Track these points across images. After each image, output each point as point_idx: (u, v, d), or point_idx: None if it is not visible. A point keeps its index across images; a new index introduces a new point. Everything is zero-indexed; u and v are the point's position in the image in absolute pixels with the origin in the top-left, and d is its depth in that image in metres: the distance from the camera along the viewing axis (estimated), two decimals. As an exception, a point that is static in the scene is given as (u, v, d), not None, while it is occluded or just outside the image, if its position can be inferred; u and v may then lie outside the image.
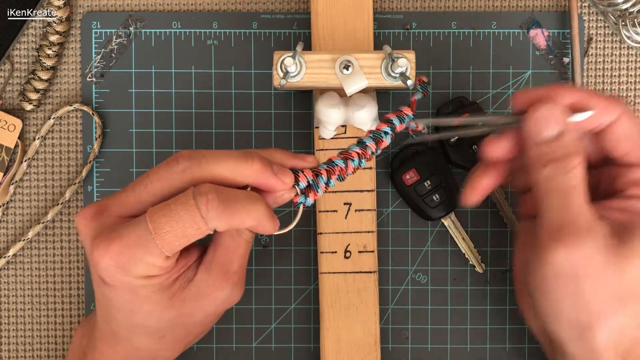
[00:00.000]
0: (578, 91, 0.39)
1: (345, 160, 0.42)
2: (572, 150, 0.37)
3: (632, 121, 0.39)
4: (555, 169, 0.37)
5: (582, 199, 0.37)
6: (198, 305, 0.40)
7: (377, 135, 0.43)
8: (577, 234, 0.37)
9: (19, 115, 0.51)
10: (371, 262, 0.48)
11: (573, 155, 0.37)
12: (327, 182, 0.41)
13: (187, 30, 0.51)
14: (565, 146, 0.37)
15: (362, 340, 0.48)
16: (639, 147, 0.40)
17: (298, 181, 0.40)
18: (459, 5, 0.51)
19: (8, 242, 0.52)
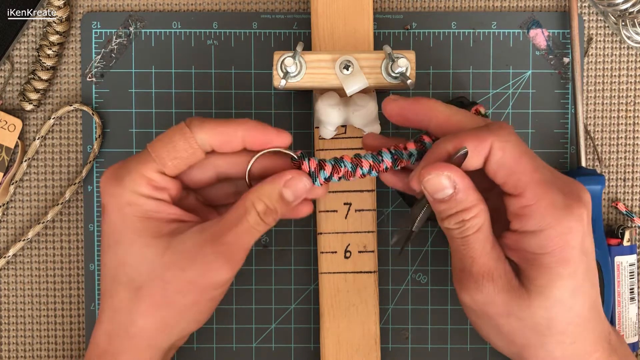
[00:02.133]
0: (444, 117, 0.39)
1: (354, 166, 0.41)
2: (465, 206, 0.38)
3: (504, 150, 0.37)
4: (452, 223, 0.39)
5: (479, 244, 0.39)
6: (179, 260, 0.39)
7: (398, 154, 0.41)
8: (475, 279, 0.39)
9: (19, 115, 0.51)
10: (371, 262, 0.48)
11: (466, 210, 0.38)
12: (329, 178, 0.41)
13: (187, 30, 0.51)
14: (458, 203, 0.38)
15: (362, 340, 0.48)
16: (512, 177, 0.38)
17: (300, 167, 0.41)
18: (459, 5, 0.51)
19: (8, 242, 0.52)
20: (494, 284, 0.39)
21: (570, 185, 0.39)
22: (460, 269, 0.40)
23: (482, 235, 0.39)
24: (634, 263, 0.50)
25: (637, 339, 0.50)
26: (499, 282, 0.39)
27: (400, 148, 0.41)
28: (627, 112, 0.52)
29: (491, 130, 0.38)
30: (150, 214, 0.40)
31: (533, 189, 0.38)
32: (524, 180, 0.38)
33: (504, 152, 0.37)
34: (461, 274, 0.40)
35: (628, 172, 0.52)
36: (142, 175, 0.40)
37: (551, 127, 0.51)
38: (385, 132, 0.51)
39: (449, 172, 0.38)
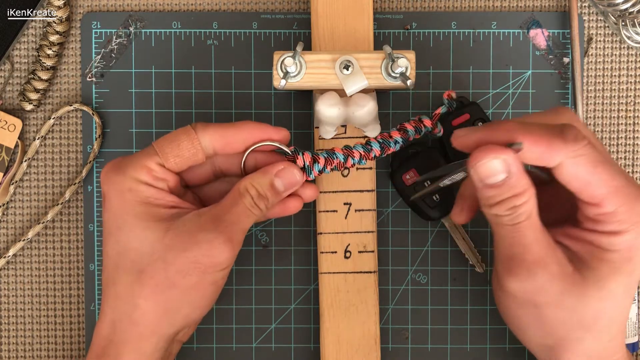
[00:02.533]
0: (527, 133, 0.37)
1: (346, 157, 0.44)
2: (517, 191, 0.37)
3: (578, 165, 0.37)
4: (502, 209, 0.38)
5: (530, 231, 0.38)
6: (180, 241, 0.40)
7: (385, 143, 0.44)
8: (527, 266, 0.38)
9: (19, 115, 0.51)
10: (371, 262, 0.48)
11: (518, 195, 0.37)
12: (322, 170, 0.44)
13: (187, 30, 0.51)
14: (510, 188, 0.37)
15: (362, 340, 0.48)
16: (588, 187, 0.37)
17: (295, 162, 0.43)
18: (459, 5, 0.51)
19: (8, 242, 0.52)
20: (549, 271, 0.38)
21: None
22: (509, 256, 0.39)
23: (533, 221, 0.38)
24: (634, 263, 0.50)
25: (637, 339, 0.50)
26: (553, 270, 0.39)
27: (386, 137, 0.44)
28: (627, 112, 0.52)
29: (566, 140, 0.36)
30: (150, 200, 0.41)
31: (611, 199, 0.37)
32: (600, 191, 0.37)
33: (578, 166, 0.37)
34: (511, 262, 0.39)
35: (628, 172, 0.52)
36: (143, 165, 0.41)
37: (551, 127, 0.51)
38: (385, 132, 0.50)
39: (505, 155, 0.36)
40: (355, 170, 0.48)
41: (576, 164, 0.37)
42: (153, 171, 0.42)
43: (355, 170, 0.48)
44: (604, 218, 0.38)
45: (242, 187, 0.42)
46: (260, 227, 0.51)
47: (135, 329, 0.41)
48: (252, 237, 0.51)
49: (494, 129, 0.37)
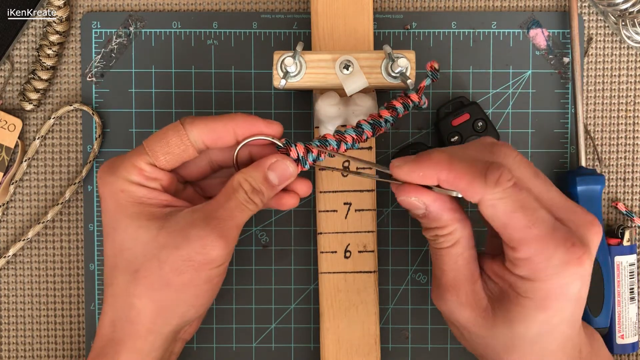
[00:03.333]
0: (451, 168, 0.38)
1: (339, 142, 0.43)
2: (439, 224, 0.40)
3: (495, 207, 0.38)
4: (428, 235, 0.42)
5: (450, 259, 0.41)
6: (173, 239, 0.40)
7: (376, 123, 0.43)
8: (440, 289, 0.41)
9: (19, 115, 0.51)
10: (371, 262, 0.48)
11: (441, 227, 0.40)
12: (316, 158, 0.43)
13: (187, 30, 0.51)
14: (431, 221, 0.41)
15: (362, 340, 0.48)
16: (505, 230, 0.38)
17: (289, 154, 0.42)
18: (459, 5, 0.51)
19: (8, 242, 0.52)
20: (458, 299, 0.41)
21: (580, 228, 0.39)
22: (434, 276, 0.42)
23: (454, 251, 0.40)
24: (634, 263, 0.50)
25: (637, 339, 0.50)
26: (463, 299, 0.40)
27: (376, 117, 0.43)
28: (627, 112, 0.52)
29: (487, 182, 0.37)
30: (143, 200, 0.41)
31: (527, 246, 0.38)
32: (516, 236, 0.38)
33: (495, 209, 0.38)
34: (433, 282, 0.43)
35: (628, 172, 0.52)
36: (134, 165, 0.41)
37: (551, 127, 0.51)
38: (385, 132, 0.50)
39: (416, 196, 0.40)
40: (355, 170, 0.48)
41: (494, 206, 0.38)
42: (144, 171, 0.41)
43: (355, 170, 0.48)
44: (519, 263, 0.38)
45: (236, 182, 0.41)
46: (260, 227, 0.51)
47: (132, 327, 0.41)
48: (252, 237, 0.51)
49: (423, 162, 0.39)
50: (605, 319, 0.49)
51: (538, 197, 0.38)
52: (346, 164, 0.48)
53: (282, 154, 0.43)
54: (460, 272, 0.41)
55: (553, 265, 0.37)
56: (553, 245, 0.37)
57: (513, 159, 0.39)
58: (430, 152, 0.40)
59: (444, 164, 0.38)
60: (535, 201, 0.38)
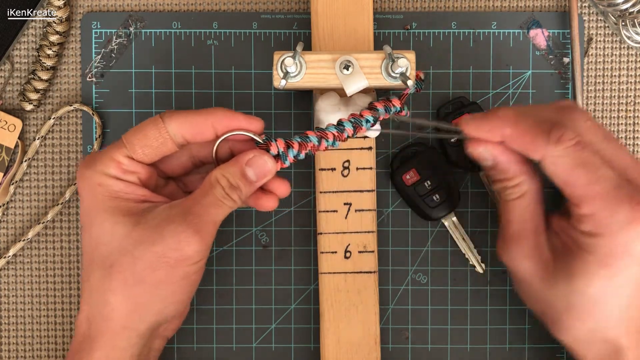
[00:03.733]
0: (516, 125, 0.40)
1: (319, 139, 0.43)
2: (507, 175, 0.42)
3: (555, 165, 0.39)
4: (497, 186, 0.43)
5: (517, 210, 0.42)
6: (149, 235, 0.40)
7: (357, 122, 0.43)
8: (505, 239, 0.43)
9: (19, 115, 0.51)
10: (371, 262, 0.48)
11: (509, 179, 0.42)
12: (297, 155, 0.43)
13: (187, 30, 0.51)
14: (500, 172, 0.42)
15: (362, 340, 0.48)
16: (567, 187, 0.39)
17: (269, 149, 0.42)
18: (459, 5, 0.51)
19: (8, 242, 0.52)
20: (521, 250, 0.42)
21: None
22: (500, 227, 0.44)
23: (523, 203, 0.42)
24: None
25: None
26: (526, 251, 0.41)
27: (357, 116, 0.43)
28: (627, 112, 0.52)
29: (549, 140, 0.39)
30: (120, 194, 0.41)
31: (589, 202, 0.38)
32: (578, 193, 0.38)
33: (556, 166, 0.39)
34: (499, 234, 0.44)
35: (628, 172, 0.52)
36: (111, 158, 0.41)
37: (551, 127, 0.51)
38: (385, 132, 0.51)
39: (485, 147, 0.41)
40: (355, 170, 0.48)
41: (554, 163, 0.39)
42: (122, 164, 0.41)
43: (355, 170, 0.48)
44: (582, 219, 0.39)
45: (213, 178, 0.41)
46: (260, 228, 0.51)
47: (107, 324, 0.41)
48: (252, 237, 0.51)
49: (490, 118, 0.41)
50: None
51: (607, 158, 0.39)
52: (346, 164, 0.48)
53: (261, 149, 0.42)
54: (526, 224, 0.42)
55: (617, 222, 0.37)
56: (617, 202, 0.38)
57: (583, 122, 0.40)
58: (499, 108, 0.41)
59: (510, 120, 0.40)
60: (599, 160, 0.38)
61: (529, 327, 0.51)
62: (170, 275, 0.40)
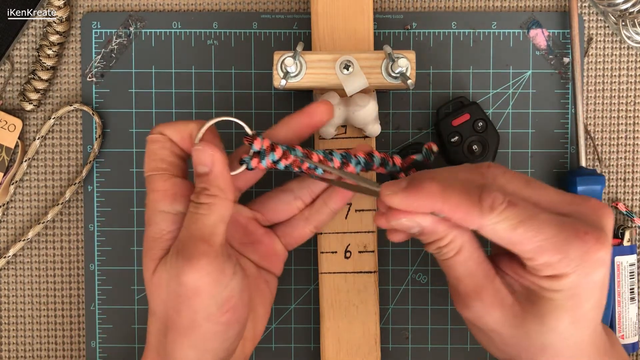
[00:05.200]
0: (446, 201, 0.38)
1: (305, 156, 0.42)
2: (437, 236, 0.39)
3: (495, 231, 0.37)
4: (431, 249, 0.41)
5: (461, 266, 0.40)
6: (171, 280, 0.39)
7: (346, 157, 0.43)
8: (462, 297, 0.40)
9: (19, 115, 0.51)
10: (371, 262, 0.48)
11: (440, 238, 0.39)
12: (276, 162, 0.41)
13: (187, 30, 0.51)
14: (429, 235, 0.40)
15: (362, 340, 0.48)
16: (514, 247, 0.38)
17: (252, 143, 0.41)
18: (459, 5, 0.51)
19: (8, 242, 0.52)
20: (483, 303, 0.40)
21: (589, 216, 0.38)
22: (451, 288, 0.41)
23: (462, 257, 0.40)
24: (634, 263, 0.50)
25: (637, 339, 0.50)
26: (488, 301, 0.40)
27: (350, 153, 0.43)
28: (627, 112, 0.52)
29: (482, 209, 0.37)
30: None
31: (541, 253, 0.37)
32: (527, 248, 0.37)
33: (496, 232, 0.37)
34: (452, 293, 0.41)
35: (628, 172, 0.52)
36: None
37: (551, 127, 0.51)
38: (385, 133, 0.51)
39: (406, 217, 0.39)
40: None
41: (493, 229, 0.37)
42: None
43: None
44: (539, 267, 0.38)
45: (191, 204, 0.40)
46: (260, 227, 0.51)
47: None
48: (252, 237, 0.51)
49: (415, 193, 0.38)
50: (606, 319, 0.49)
51: (536, 203, 0.38)
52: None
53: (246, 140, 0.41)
54: (476, 276, 0.40)
55: (573, 259, 0.37)
56: (566, 242, 0.37)
57: (502, 175, 0.39)
58: (422, 181, 0.38)
59: (437, 195, 0.38)
60: (534, 209, 0.38)
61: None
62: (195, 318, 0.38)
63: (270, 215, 0.45)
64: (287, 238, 0.46)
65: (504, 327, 0.40)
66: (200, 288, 0.38)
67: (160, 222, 0.40)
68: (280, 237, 0.46)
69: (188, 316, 0.38)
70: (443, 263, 0.41)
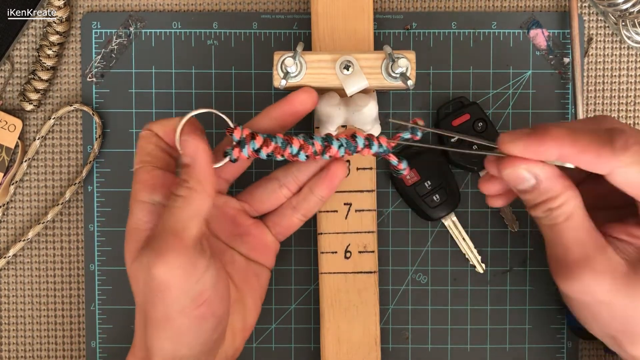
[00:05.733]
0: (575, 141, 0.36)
1: (285, 143, 0.42)
2: (550, 195, 0.37)
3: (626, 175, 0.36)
4: (539, 212, 0.38)
5: (571, 232, 0.38)
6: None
7: (328, 140, 0.42)
8: (569, 268, 0.38)
9: (19, 115, 0.51)
10: (371, 262, 0.48)
11: (553, 198, 0.38)
12: (257, 150, 0.41)
13: (187, 30, 0.51)
14: (542, 193, 0.38)
15: (362, 340, 0.48)
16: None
17: (232, 133, 0.41)
18: (459, 5, 0.51)
19: (8, 242, 0.52)
20: (593, 271, 0.37)
21: None
22: (555, 258, 0.39)
23: (573, 222, 0.38)
24: (634, 263, 0.50)
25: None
26: (600, 270, 0.37)
27: (331, 135, 0.42)
28: (627, 112, 0.52)
29: (615, 149, 0.35)
30: None
31: None
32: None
33: (629, 174, 0.36)
34: (556, 264, 0.39)
35: (628, 172, 0.52)
36: None
37: (551, 127, 0.51)
38: (385, 133, 0.51)
39: (526, 165, 0.37)
40: (355, 170, 0.48)
41: (626, 173, 0.36)
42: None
43: (355, 170, 0.48)
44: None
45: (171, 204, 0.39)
46: (260, 227, 0.51)
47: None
48: (252, 237, 0.51)
49: (542, 137, 0.36)
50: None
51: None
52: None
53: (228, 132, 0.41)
54: (586, 243, 0.37)
55: None
56: None
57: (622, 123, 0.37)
58: (546, 127, 0.37)
59: (566, 138, 0.36)
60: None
61: (529, 327, 0.51)
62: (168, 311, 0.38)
63: (257, 205, 0.45)
64: (276, 228, 0.46)
65: (616, 297, 0.37)
66: (170, 282, 0.37)
67: (138, 212, 0.40)
68: (270, 227, 0.46)
69: (161, 310, 0.38)
70: (550, 229, 0.38)
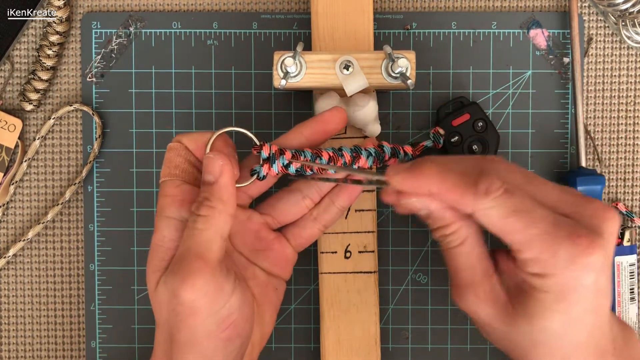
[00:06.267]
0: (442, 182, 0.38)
1: (314, 156, 0.42)
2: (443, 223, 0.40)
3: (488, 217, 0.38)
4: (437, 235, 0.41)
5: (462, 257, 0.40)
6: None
7: (357, 151, 0.43)
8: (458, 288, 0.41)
9: (19, 115, 0.51)
10: (371, 262, 0.48)
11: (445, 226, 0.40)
12: (287, 166, 0.41)
13: (187, 30, 0.51)
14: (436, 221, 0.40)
15: (362, 340, 0.48)
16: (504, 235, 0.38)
17: (261, 150, 0.41)
18: (459, 5, 0.51)
19: (8, 242, 0.52)
20: (477, 297, 0.40)
21: (589, 218, 0.38)
22: (450, 277, 0.42)
23: (464, 249, 0.40)
24: (634, 263, 0.50)
25: (637, 339, 0.50)
26: (482, 297, 0.40)
27: (359, 146, 0.43)
28: (627, 112, 0.52)
29: (477, 193, 0.37)
30: None
31: (529, 246, 0.37)
32: (516, 239, 0.38)
33: (489, 217, 0.38)
34: (451, 282, 0.42)
35: (628, 172, 0.52)
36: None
37: (551, 127, 0.51)
38: (385, 133, 0.51)
39: (416, 198, 0.39)
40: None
41: (487, 215, 0.38)
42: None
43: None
44: (527, 262, 0.38)
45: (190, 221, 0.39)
46: (260, 227, 0.51)
47: None
48: (252, 237, 0.51)
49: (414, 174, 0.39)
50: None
51: (537, 199, 0.38)
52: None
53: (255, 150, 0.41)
54: (474, 269, 0.41)
55: (561, 260, 0.37)
56: (557, 241, 0.37)
57: (504, 168, 0.39)
58: (423, 162, 0.39)
59: (436, 177, 0.38)
60: (531, 203, 0.38)
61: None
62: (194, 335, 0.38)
63: (280, 217, 0.45)
64: (296, 239, 0.45)
65: (495, 323, 0.40)
66: (197, 308, 0.37)
67: (164, 228, 0.40)
68: (289, 239, 0.45)
69: (187, 334, 0.38)
70: (446, 252, 0.41)
